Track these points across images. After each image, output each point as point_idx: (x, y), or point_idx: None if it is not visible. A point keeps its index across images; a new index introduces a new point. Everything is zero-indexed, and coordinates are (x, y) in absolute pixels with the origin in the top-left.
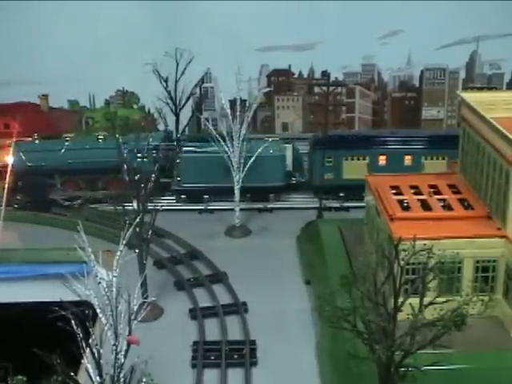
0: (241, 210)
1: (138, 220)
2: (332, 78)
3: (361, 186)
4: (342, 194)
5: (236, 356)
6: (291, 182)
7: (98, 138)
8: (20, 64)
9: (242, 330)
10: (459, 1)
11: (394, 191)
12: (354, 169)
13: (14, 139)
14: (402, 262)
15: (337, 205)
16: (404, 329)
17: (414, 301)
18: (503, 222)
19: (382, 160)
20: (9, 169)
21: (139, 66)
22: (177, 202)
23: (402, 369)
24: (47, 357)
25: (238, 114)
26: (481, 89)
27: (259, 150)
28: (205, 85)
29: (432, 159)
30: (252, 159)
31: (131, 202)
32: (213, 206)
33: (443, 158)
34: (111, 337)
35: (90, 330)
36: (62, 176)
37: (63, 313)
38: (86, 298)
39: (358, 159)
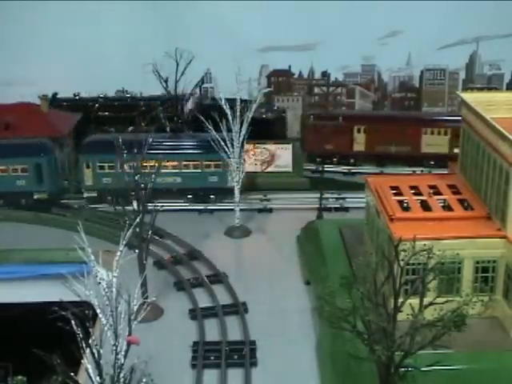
0: (241, 210)
1: (137, 220)
2: (332, 79)
3: None
4: None
5: (236, 356)
6: None
7: None
8: (20, 64)
9: (241, 331)
10: (459, 1)
11: (393, 192)
12: None
13: None
14: (401, 263)
15: (337, 205)
16: (404, 329)
17: (414, 301)
18: (503, 223)
19: None
20: None
21: (139, 66)
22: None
23: (402, 369)
24: (47, 357)
25: (237, 114)
26: (481, 89)
27: None
28: (205, 85)
29: None
30: None
31: (131, 203)
32: (213, 206)
33: None
34: (111, 337)
35: (90, 330)
36: None
37: (63, 313)
38: (86, 299)
39: None
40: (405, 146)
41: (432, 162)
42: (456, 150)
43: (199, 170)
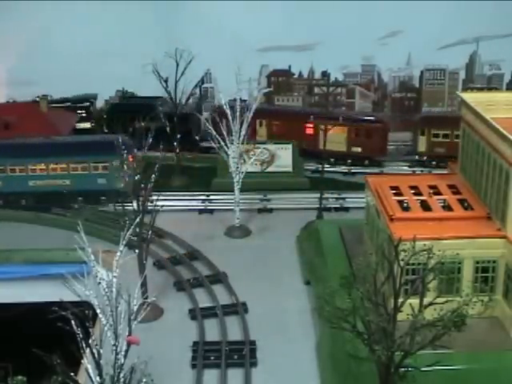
0: (241, 210)
1: (137, 220)
2: (332, 79)
3: None
4: None
5: (236, 356)
6: None
7: None
8: (20, 64)
9: (241, 331)
10: (459, 1)
11: (393, 192)
12: None
13: None
14: (401, 263)
15: (337, 205)
16: (404, 329)
17: (414, 301)
18: (503, 223)
19: None
20: None
21: (139, 66)
22: None
23: (402, 369)
24: (47, 357)
25: (237, 114)
26: (481, 89)
27: None
28: (205, 85)
29: None
30: None
31: (131, 203)
32: (213, 206)
33: None
34: (111, 337)
35: (90, 330)
36: None
37: (63, 313)
38: (86, 299)
39: None
40: (303, 142)
41: (332, 159)
42: (354, 149)
43: (87, 172)
